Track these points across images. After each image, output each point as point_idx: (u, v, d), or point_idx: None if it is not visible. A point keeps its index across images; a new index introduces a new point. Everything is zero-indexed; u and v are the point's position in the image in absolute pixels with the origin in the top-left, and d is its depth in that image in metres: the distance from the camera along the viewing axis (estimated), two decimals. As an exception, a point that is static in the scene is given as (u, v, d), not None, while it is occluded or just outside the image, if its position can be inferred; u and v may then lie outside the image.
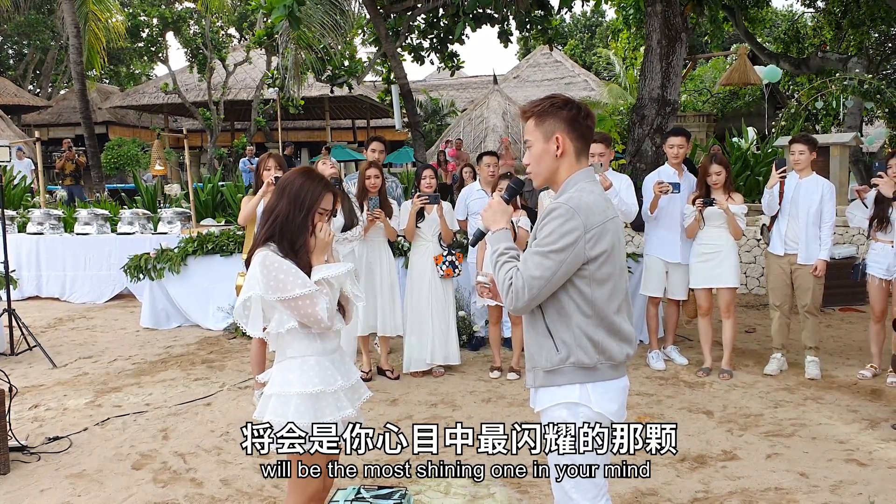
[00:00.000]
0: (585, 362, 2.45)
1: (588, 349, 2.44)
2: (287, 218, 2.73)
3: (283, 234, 2.73)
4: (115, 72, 35.71)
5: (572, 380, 2.46)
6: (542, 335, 2.50)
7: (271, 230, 2.74)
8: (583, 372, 2.46)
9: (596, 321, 2.45)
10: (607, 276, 2.45)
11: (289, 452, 2.69)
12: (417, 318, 6.21)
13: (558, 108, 2.50)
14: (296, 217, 2.73)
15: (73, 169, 16.42)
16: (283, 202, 2.76)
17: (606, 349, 2.46)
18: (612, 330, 2.47)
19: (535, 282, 2.38)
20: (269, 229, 2.75)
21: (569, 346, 2.45)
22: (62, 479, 4.32)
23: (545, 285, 2.38)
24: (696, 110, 21.29)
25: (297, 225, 2.73)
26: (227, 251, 7.98)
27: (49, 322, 8.63)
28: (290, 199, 2.75)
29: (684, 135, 6.36)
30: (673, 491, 4.02)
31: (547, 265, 2.37)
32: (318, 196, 2.76)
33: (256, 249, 2.73)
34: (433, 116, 27.47)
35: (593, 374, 2.46)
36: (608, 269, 2.44)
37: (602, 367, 2.47)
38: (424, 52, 14.20)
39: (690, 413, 5.26)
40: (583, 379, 2.46)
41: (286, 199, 2.76)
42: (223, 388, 6.03)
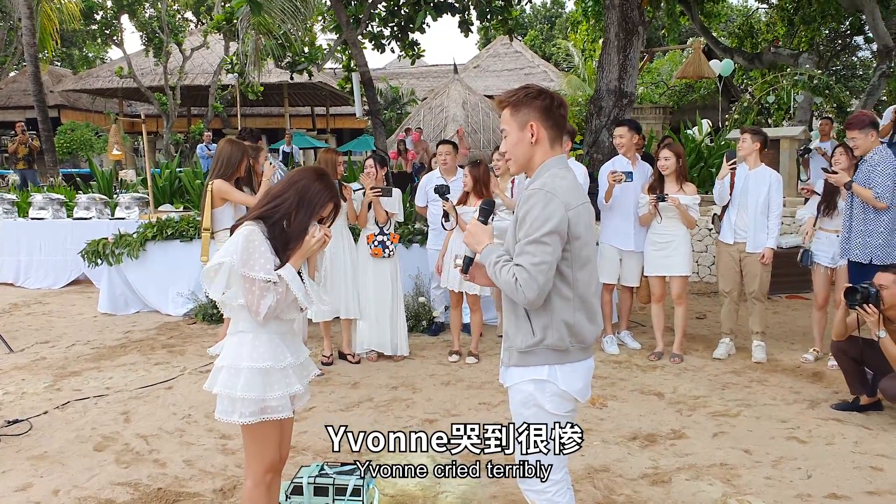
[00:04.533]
0: (559, 345, 2.57)
1: (563, 333, 2.57)
2: (290, 212, 2.81)
3: (279, 223, 2.80)
4: (68, 54, 34.97)
5: (544, 361, 2.59)
6: (520, 318, 2.61)
7: (270, 213, 2.81)
8: (555, 354, 2.59)
9: (577, 303, 2.57)
10: (587, 258, 2.58)
11: (236, 421, 2.78)
12: (364, 304, 6.28)
13: (532, 98, 2.61)
14: (300, 215, 2.81)
15: (26, 153, 16.06)
16: (292, 195, 2.82)
17: (579, 332, 2.59)
18: (589, 312, 2.61)
19: (540, 268, 2.46)
20: (268, 211, 2.81)
21: (545, 330, 2.57)
22: (23, 461, 4.34)
23: (549, 269, 2.47)
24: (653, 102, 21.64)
25: (299, 223, 2.82)
26: (186, 237, 7.95)
27: (3, 307, 8.53)
28: (299, 197, 2.82)
29: (627, 125, 6.53)
30: (624, 467, 4.19)
31: (544, 249, 2.46)
32: (324, 203, 2.85)
33: (245, 222, 2.80)
34: (393, 105, 27.47)
35: (564, 356, 2.59)
36: (588, 250, 2.57)
37: (573, 350, 2.60)
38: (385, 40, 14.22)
39: (642, 395, 5.45)
40: (554, 360, 2.59)
41: (295, 194, 2.82)
42: (184, 371, 6.06)
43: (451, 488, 3.95)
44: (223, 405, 2.80)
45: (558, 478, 2.69)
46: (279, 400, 2.80)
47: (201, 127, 24.88)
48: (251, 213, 2.85)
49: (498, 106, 2.69)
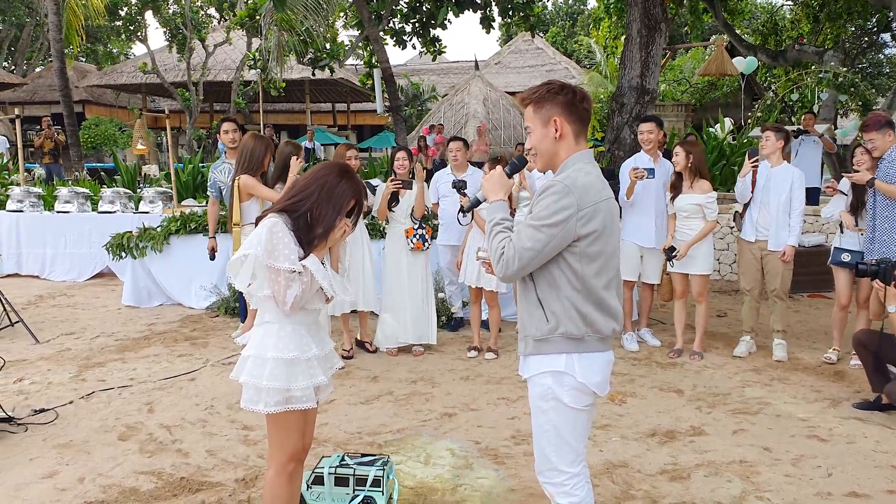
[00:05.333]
0: (573, 333, 2.58)
1: (576, 321, 2.58)
2: (317, 206, 2.83)
3: (303, 216, 2.83)
4: (93, 50, 35.31)
5: (560, 349, 2.60)
6: (533, 305, 2.64)
7: (294, 206, 2.84)
8: (570, 342, 2.60)
9: (584, 295, 2.58)
10: (597, 253, 2.58)
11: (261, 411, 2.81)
12: (393, 298, 6.33)
13: (555, 94, 2.63)
14: (325, 211, 2.84)
15: (51, 147, 16.28)
16: (315, 191, 2.85)
17: (594, 322, 2.60)
18: (600, 305, 2.61)
19: (525, 252, 2.51)
20: (292, 204, 2.84)
21: (558, 316, 2.58)
22: (49, 449, 4.42)
23: (535, 256, 2.52)
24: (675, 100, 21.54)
25: (325, 218, 2.84)
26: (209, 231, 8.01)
27: (30, 299, 8.65)
28: (325, 194, 2.84)
29: (654, 121, 6.53)
30: (643, 463, 4.20)
31: (538, 238, 2.50)
32: (348, 200, 2.89)
33: (269, 214, 2.84)
34: (414, 101, 27.52)
35: (580, 345, 2.60)
36: (598, 246, 2.58)
37: (589, 339, 2.61)
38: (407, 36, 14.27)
39: (661, 391, 5.44)
40: (570, 349, 2.60)
41: (319, 190, 2.85)
42: (207, 364, 6.13)
43: (470, 481, 3.98)
44: (249, 394, 2.84)
45: (576, 471, 2.70)
46: (303, 390, 2.83)
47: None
48: (275, 206, 2.89)
49: (521, 103, 2.71)
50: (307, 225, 2.84)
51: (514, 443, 4.50)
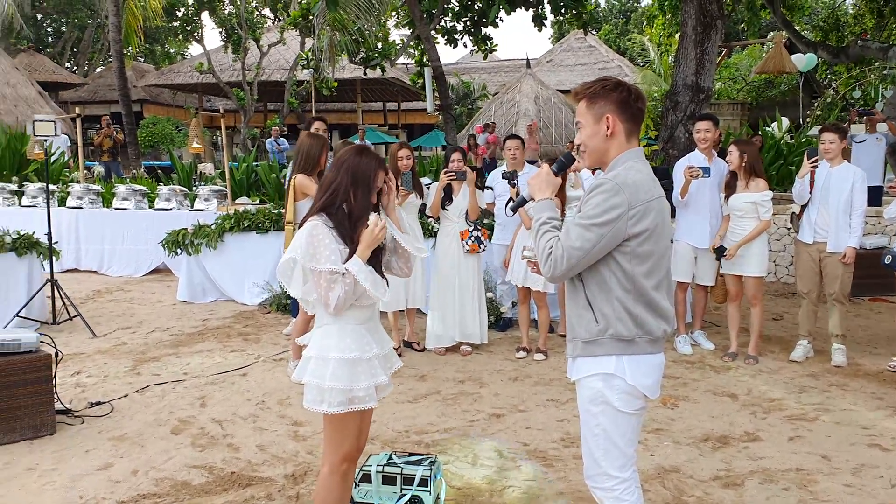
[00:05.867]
0: (623, 335, 2.53)
1: (627, 322, 2.53)
2: (353, 194, 2.85)
3: (340, 208, 2.85)
4: (151, 50, 36.16)
5: (609, 351, 2.55)
6: (582, 307, 2.59)
7: (329, 201, 2.86)
8: (620, 344, 2.55)
9: (635, 296, 2.53)
10: (648, 253, 2.53)
11: (325, 411, 2.82)
12: (442, 297, 6.32)
13: (609, 90, 2.58)
14: (359, 192, 2.86)
15: (110, 145, 16.73)
16: (343, 177, 2.87)
17: (644, 323, 2.54)
18: (650, 306, 2.55)
19: (574, 252, 2.46)
20: (327, 200, 2.86)
21: (608, 318, 2.53)
22: (105, 441, 4.52)
23: (584, 256, 2.47)
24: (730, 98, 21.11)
25: (360, 201, 2.86)
26: (262, 229, 8.14)
27: (88, 294, 8.88)
28: (351, 176, 2.87)
29: (711, 119, 6.40)
30: (695, 468, 4.11)
31: (587, 237, 2.45)
32: (376, 173, 2.89)
33: (309, 218, 2.86)
34: (464, 100, 27.52)
35: (630, 347, 2.55)
36: (649, 246, 2.52)
37: (640, 341, 2.55)
38: (458, 34, 14.27)
39: (715, 396, 5.33)
40: (620, 351, 2.55)
41: (346, 175, 2.87)
42: (258, 359, 6.21)
43: (518, 483, 3.95)
44: (312, 395, 2.84)
45: (626, 476, 2.65)
46: (366, 390, 2.83)
47: (277, 122, 25.37)
48: (312, 208, 2.90)
49: (574, 97, 2.67)
50: (346, 216, 2.85)
51: (563, 445, 4.45)
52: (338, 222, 2.84)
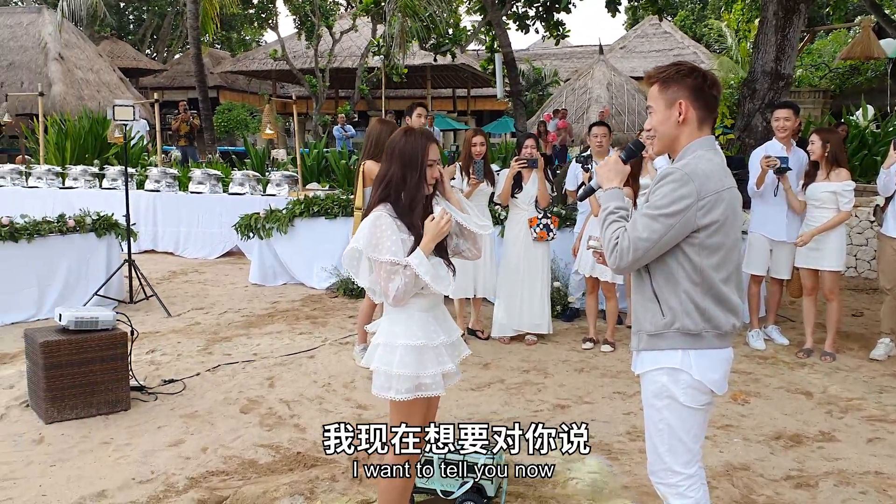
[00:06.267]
0: (690, 328, 2.47)
1: (694, 316, 2.46)
2: (403, 179, 2.86)
3: (398, 195, 2.86)
4: (227, 37, 36.91)
5: (675, 345, 2.49)
6: (648, 299, 2.54)
7: (385, 193, 2.87)
8: (687, 338, 2.48)
9: (703, 289, 2.46)
10: (718, 245, 2.45)
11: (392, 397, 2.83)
12: (509, 286, 6.28)
13: (684, 76, 2.50)
14: (411, 176, 2.85)
15: (187, 130, 17.17)
16: (396, 165, 2.88)
17: (712, 317, 2.47)
18: (719, 299, 2.48)
19: (640, 243, 2.41)
20: (383, 192, 2.87)
21: (674, 311, 2.47)
22: (176, 419, 4.65)
23: (651, 248, 2.41)
24: (812, 86, 20.32)
25: (415, 183, 2.86)
26: (331, 214, 8.24)
27: (164, 274, 9.15)
28: (403, 160, 2.87)
29: (791, 107, 6.16)
30: (766, 467, 3.99)
31: (655, 228, 2.39)
32: (425, 150, 2.87)
33: (372, 210, 2.87)
34: (535, 86, 27.24)
35: (697, 342, 2.48)
36: (719, 238, 2.45)
37: (707, 336, 2.48)
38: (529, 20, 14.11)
39: (788, 393, 5.16)
40: (686, 345, 2.49)
41: (399, 162, 2.88)
42: (325, 342, 6.29)
43: (581, 475, 3.90)
44: (380, 381, 2.86)
45: (691, 472, 2.59)
46: (433, 377, 2.84)
47: (347, 109, 25.62)
48: (371, 201, 2.91)
49: (646, 81, 2.60)
50: (405, 203, 2.85)
51: (628, 439, 4.38)
52: (400, 212, 2.84)
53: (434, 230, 2.80)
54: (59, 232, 6.97)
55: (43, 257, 6.90)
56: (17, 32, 22.55)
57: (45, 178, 11.23)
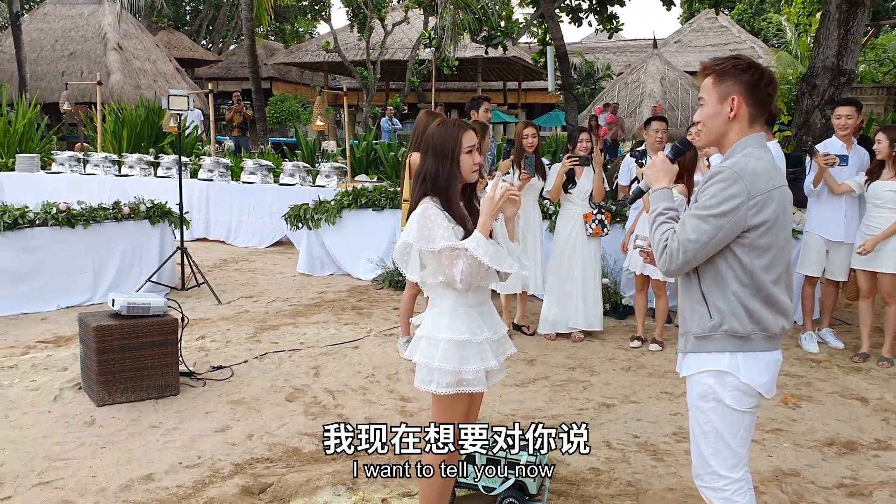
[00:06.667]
0: (738, 331, 2.41)
1: (742, 318, 2.40)
2: (436, 172, 2.84)
3: (435, 188, 2.84)
4: (281, 29, 37.31)
5: (723, 348, 2.44)
6: (696, 301, 2.48)
7: (424, 188, 2.86)
8: (735, 341, 2.43)
9: (753, 290, 2.40)
10: (768, 245, 2.39)
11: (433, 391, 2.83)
12: (559, 282, 6.22)
13: (740, 71, 2.44)
14: (442, 167, 2.83)
15: (240, 121, 17.42)
16: (430, 158, 2.87)
17: (761, 319, 2.41)
18: (768, 301, 2.42)
19: (690, 245, 2.36)
20: (422, 186, 2.86)
21: (722, 313, 2.42)
22: (224, 405, 4.72)
23: (701, 249, 2.36)
24: (875, 82, 19.70)
25: (446, 174, 2.83)
26: (378, 206, 8.27)
27: (215, 262, 9.29)
28: (435, 153, 2.85)
29: (854, 104, 5.96)
30: (817, 474, 3.89)
31: (704, 229, 2.34)
32: (457, 139, 2.84)
33: (417, 205, 2.85)
34: (587, 80, 26.98)
35: (745, 344, 2.43)
36: (770, 238, 2.38)
37: (755, 338, 2.43)
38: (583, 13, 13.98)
39: (842, 398, 5.02)
40: (734, 348, 2.43)
41: (431, 155, 2.86)
42: (370, 333, 6.32)
43: (626, 475, 3.85)
44: (422, 374, 2.86)
45: (738, 476, 2.53)
46: (475, 373, 2.81)
47: (398, 101, 25.67)
48: (415, 195, 2.89)
49: (701, 72, 2.54)
50: (444, 195, 2.82)
51: (674, 440, 4.30)
52: (445, 205, 2.82)
53: (489, 205, 2.74)
54: (114, 218, 7.13)
55: (98, 243, 7.07)
56: (77, 23, 23.14)
57: (102, 166, 11.49)
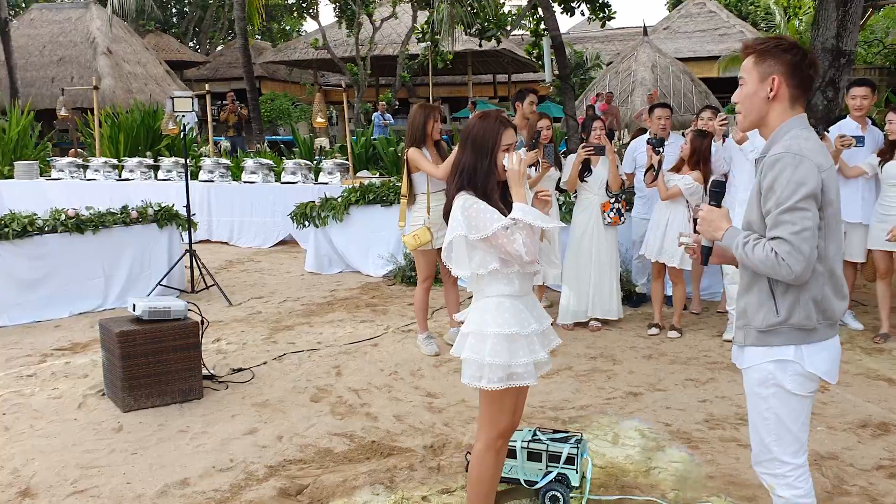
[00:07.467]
0: (806, 324, 2.37)
1: (811, 311, 2.36)
2: (474, 166, 2.80)
3: (472, 183, 2.80)
4: (268, 28, 37.13)
5: (788, 341, 2.40)
6: (764, 295, 2.42)
7: (460, 182, 2.82)
8: (801, 333, 2.39)
9: (825, 277, 2.37)
10: (836, 226, 2.36)
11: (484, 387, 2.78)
12: (577, 272, 6.19)
13: (783, 51, 2.41)
14: (481, 163, 2.80)
15: (235, 121, 17.35)
16: (468, 152, 2.84)
17: (828, 308, 2.39)
18: (836, 286, 2.40)
19: (803, 235, 2.25)
20: (458, 181, 2.83)
21: (790, 308, 2.37)
22: (248, 407, 4.67)
23: (813, 236, 2.26)
24: (867, 63, 19.77)
25: (484, 170, 2.80)
26: (387, 201, 8.21)
27: (221, 264, 9.21)
28: (474, 147, 2.83)
29: (869, 85, 5.96)
30: (854, 457, 3.87)
31: (804, 215, 2.26)
32: (497, 135, 2.82)
33: (454, 199, 2.81)
34: (577, 70, 26.91)
35: (810, 336, 2.40)
36: (836, 218, 2.36)
37: (820, 328, 2.40)
38: (574, 2, 13.91)
39: (868, 379, 5.01)
40: (799, 340, 2.40)
41: (470, 149, 2.84)
42: (388, 330, 6.28)
43: (663, 464, 3.83)
44: (470, 370, 2.81)
45: (800, 462, 2.50)
46: (525, 366, 2.77)
47: (389, 96, 25.58)
48: (451, 189, 2.86)
49: (743, 52, 2.50)
50: (481, 190, 2.79)
51: (707, 427, 4.28)
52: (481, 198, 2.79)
53: (515, 177, 2.78)
54: (122, 223, 7.06)
55: (108, 248, 7.00)
56: (65, 28, 22.95)
57: (102, 171, 11.37)
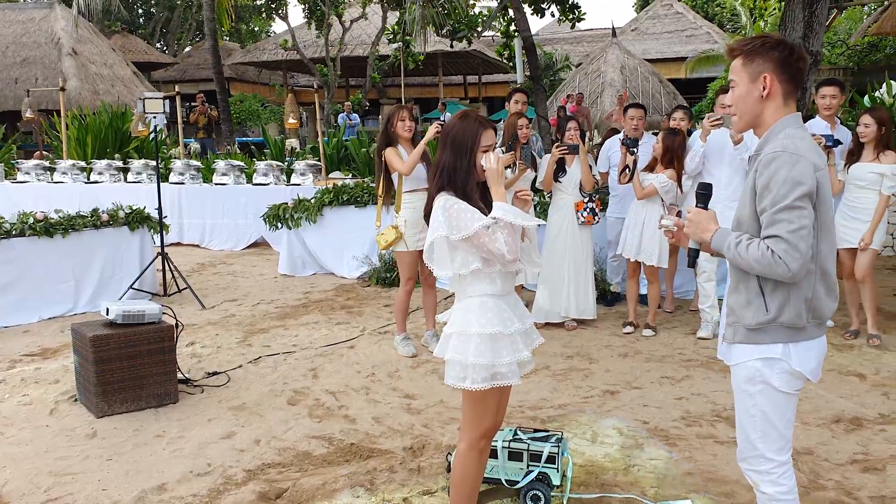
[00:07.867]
0: (795, 323, 2.39)
1: (801, 310, 2.38)
2: (453, 166, 2.80)
3: (452, 183, 2.80)
4: (237, 29, 36.79)
5: (777, 339, 2.42)
6: (753, 293, 2.43)
7: (440, 182, 2.81)
8: (790, 332, 2.41)
9: (818, 276, 2.39)
10: (829, 224, 2.39)
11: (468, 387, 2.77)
12: (554, 271, 6.22)
13: (770, 48, 2.43)
14: (460, 163, 2.79)
15: (205, 122, 17.18)
16: (448, 152, 2.83)
17: (818, 308, 2.41)
18: (829, 286, 2.42)
19: (800, 234, 2.26)
20: (438, 181, 2.82)
21: (780, 307, 2.39)
22: (225, 411, 4.62)
23: (809, 234, 2.27)
24: (831, 63, 20.12)
25: (464, 170, 2.79)
26: (361, 202, 8.18)
27: (193, 267, 9.12)
28: (453, 147, 2.82)
29: (838, 84, 6.06)
30: (829, 451, 3.93)
31: (801, 214, 2.27)
32: (476, 136, 2.81)
33: (434, 199, 2.80)
34: (546, 71, 27.03)
35: (799, 334, 2.42)
36: (829, 216, 2.38)
37: (809, 327, 2.42)
38: (544, 3, 13.98)
39: (840, 375, 5.09)
40: (788, 339, 2.42)
41: (449, 149, 2.83)
42: (364, 332, 6.25)
43: (642, 462, 3.86)
44: (454, 371, 2.80)
45: (784, 459, 2.54)
46: (508, 366, 2.77)
47: (359, 97, 25.49)
48: (432, 189, 2.85)
49: (729, 54, 2.52)
50: (462, 190, 2.79)
51: (684, 424, 4.32)
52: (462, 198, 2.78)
53: (493, 176, 2.78)
54: (93, 226, 6.95)
55: (78, 252, 6.88)
56: (29, 28, 22.52)
57: (70, 174, 11.19)
